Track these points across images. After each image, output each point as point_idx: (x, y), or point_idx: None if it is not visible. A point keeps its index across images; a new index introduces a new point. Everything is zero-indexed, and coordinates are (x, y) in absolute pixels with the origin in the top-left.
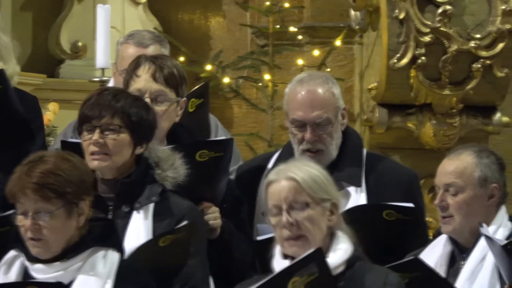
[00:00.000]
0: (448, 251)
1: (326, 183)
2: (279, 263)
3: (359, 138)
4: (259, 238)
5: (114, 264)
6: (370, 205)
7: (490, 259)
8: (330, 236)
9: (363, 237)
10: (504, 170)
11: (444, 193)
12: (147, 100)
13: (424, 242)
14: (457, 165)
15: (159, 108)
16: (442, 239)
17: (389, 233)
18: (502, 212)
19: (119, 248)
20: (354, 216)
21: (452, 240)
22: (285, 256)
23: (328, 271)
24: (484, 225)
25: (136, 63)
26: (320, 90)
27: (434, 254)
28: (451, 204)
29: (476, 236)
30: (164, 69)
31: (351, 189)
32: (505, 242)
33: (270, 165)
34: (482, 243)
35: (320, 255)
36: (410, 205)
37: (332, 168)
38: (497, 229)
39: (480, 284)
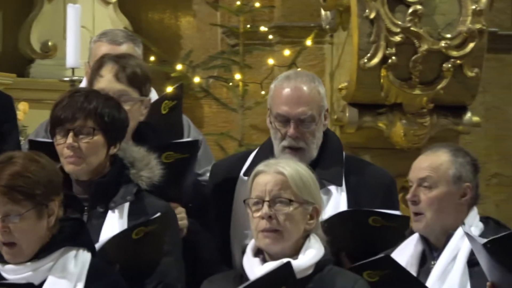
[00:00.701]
0: (419, 251)
1: (313, 187)
2: (248, 259)
3: (339, 141)
4: (247, 242)
5: (86, 263)
6: (357, 211)
7: (461, 259)
8: (304, 239)
9: (348, 241)
10: (478, 171)
11: (417, 188)
12: None
13: None
14: (433, 160)
15: None
16: (413, 239)
17: (374, 239)
18: (474, 213)
19: (91, 248)
20: (340, 221)
21: (423, 239)
22: (256, 254)
23: (296, 283)
24: (466, 223)
25: (100, 63)
26: (306, 87)
27: (405, 253)
28: (423, 199)
29: (447, 235)
30: (127, 68)
31: (332, 188)
32: (485, 240)
33: (247, 163)
34: (453, 242)
35: (289, 268)
36: (397, 212)
37: (313, 166)
38: (468, 229)
39: (451, 284)
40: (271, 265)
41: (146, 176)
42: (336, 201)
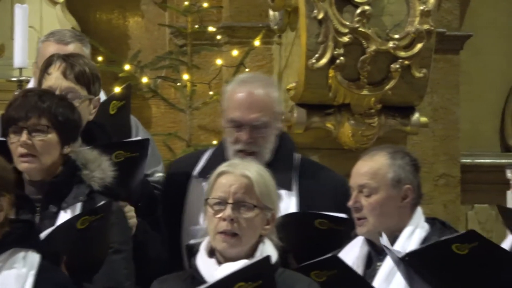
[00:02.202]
0: (365, 253)
1: (274, 192)
2: (203, 260)
3: (293, 143)
4: (192, 241)
5: (34, 265)
6: (303, 213)
7: None
8: (258, 242)
9: (295, 243)
10: (419, 171)
11: (358, 194)
12: None
13: None
14: (371, 166)
15: None
16: (359, 241)
17: (320, 242)
18: (418, 213)
19: (40, 250)
20: (287, 222)
21: (368, 241)
22: (211, 254)
23: (272, 279)
24: (383, 234)
25: (48, 62)
26: (260, 93)
27: (351, 255)
28: (365, 205)
29: (393, 237)
30: (75, 67)
31: (282, 192)
32: (403, 254)
33: (201, 163)
34: (398, 244)
35: (267, 263)
36: (343, 215)
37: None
38: (414, 230)
39: (397, 285)
40: (231, 266)
41: (99, 177)
42: (286, 206)
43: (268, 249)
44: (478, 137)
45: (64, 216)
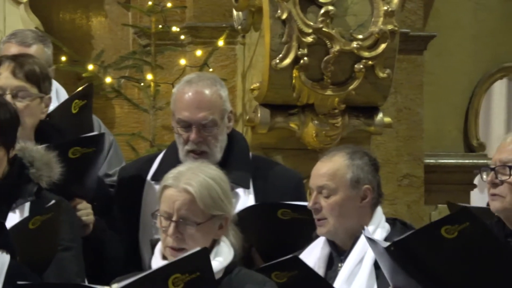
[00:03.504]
0: (326, 254)
1: (223, 197)
2: (157, 263)
3: (245, 141)
4: (157, 236)
5: (4, 265)
6: (265, 204)
7: (368, 261)
8: (213, 244)
9: (257, 236)
10: (378, 171)
11: (318, 195)
12: (8, 97)
13: None
14: (329, 167)
15: (20, 104)
16: (320, 242)
17: (284, 233)
18: (379, 213)
19: (10, 250)
20: (249, 216)
21: (329, 242)
22: (164, 257)
23: (210, 271)
24: (366, 227)
25: None
26: (207, 92)
27: (312, 256)
28: (324, 206)
29: (354, 238)
30: (24, 65)
31: (240, 190)
32: (387, 244)
33: (154, 167)
34: (359, 245)
35: (205, 255)
36: (305, 203)
37: (220, 169)
38: (375, 230)
39: (358, 286)
40: None
41: (46, 175)
42: (244, 204)
43: (224, 250)
44: (441, 137)
45: (12, 217)
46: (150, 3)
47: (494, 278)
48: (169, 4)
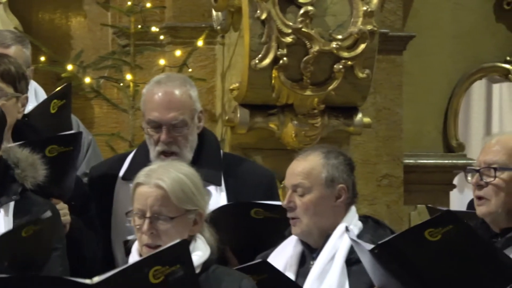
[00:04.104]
0: (298, 252)
1: (195, 192)
2: (135, 260)
3: (216, 140)
4: (130, 237)
5: None
6: (238, 204)
7: (339, 258)
8: (190, 239)
9: (231, 235)
10: (353, 170)
11: (292, 194)
12: None
13: None
14: (304, 166)
15: None
16: (292, 240)
17: (258, 232)
18: (352, 212)
19: None
20: (223, 215)
21: (302, 240)
22: (141, 254)
23: (190, 263)
24: (351, 228)
25: None
26: (177, 92)
27: (284, 255)
28: (299, 205)
29: (326, 236)
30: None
31: (211, 188)
32: (372, 246)
33: (125, 166)
34: (331, 242)
35: (185, 247)
36: (279, 203)
37: None
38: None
39: (329, 283)
40: None
41: (31, 176)
42: (216, 201)
43: (200, 247)
44: (421, 137)
45: None
46: (129, 3)
47: (480, 278)
48: (148, 4)
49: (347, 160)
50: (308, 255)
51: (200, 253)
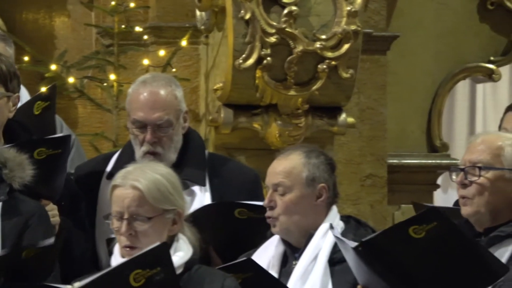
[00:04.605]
0: (280, 252)
1: (172, 191)
2: (117, 261)
3: (201, 140)
4: (113, 235)
5: None
6: (222, 204)
7: (322, 258)
8: (171, 240)
9: (214, 235)
10: (334, 170)
11: (273, 193)
12: None
13: None
14: (286, 165)
15: None
16: (274, 240)
17: (241, 232)
18: (333, 212)
19: None
20: (207, 214)
21: (284, 240)
22: (124, 256)
23: (171, 265)
24: (335, 226)
25: None
26: (162, 92)
27: (266, 255)
28: (279, 204)
29: (308, 236)
30: None
31: (196, 188)
32: (356, 244)
33: (110, 165)
34: (313, 242)
35: (165, 250)
36: (262, 203)
37: (176, 168)
38: (329, 228)
39: (312, 283)
40: None
41: (19, 176)
42: (200, 201)
43: (183, 246)
44: (405, 137)
45: None
46: (113, 3)
47: (464, 276)
48: (132, 4)
49: (328, 159)
50: (290, 255)
51: (182, 253)
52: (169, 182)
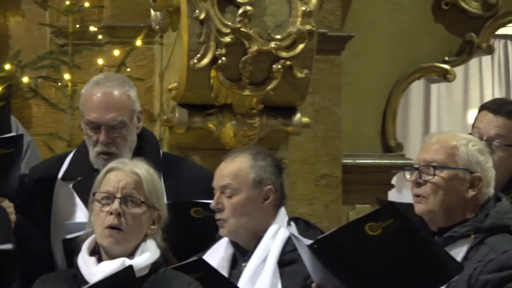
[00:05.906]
0: (230, 254)
1: (160, 193)
2: (84, 259)
3: (156, 139)
4: (68, 236)
5: None
6: (178, 203)
7: (271, 260)
8: (145, 238)
9: (172, 235)
10: (282, 172)
11: (220, 195)
12: None
13: None
14: (233, 167)
15: None
16: (224, 242)
17: (197, 231)
18: (282, 214)
19: None
20: None
21: (233, 242)
22: (92, 253)
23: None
24: (292, 223)
25: None
26: (116, 93)
27: (215, 257)
28: (227, 206)
29: (257, 238)
30: None
31: None
32: (311, 241)
33: (64, 167)
34: (263, 244)
35: (130, 272)
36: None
37: None
38: (278, 229)
39: (262, 285)
40: (108, 264)
41: None
42: None
43: (150, 248)
44: (359, 137)
45: None
46: (67, 2)
47: (419, 274)
48: (86, 4)
49: (275, 161)
50: (239, 257)
51: (148, 254)
52: (159, 183)
